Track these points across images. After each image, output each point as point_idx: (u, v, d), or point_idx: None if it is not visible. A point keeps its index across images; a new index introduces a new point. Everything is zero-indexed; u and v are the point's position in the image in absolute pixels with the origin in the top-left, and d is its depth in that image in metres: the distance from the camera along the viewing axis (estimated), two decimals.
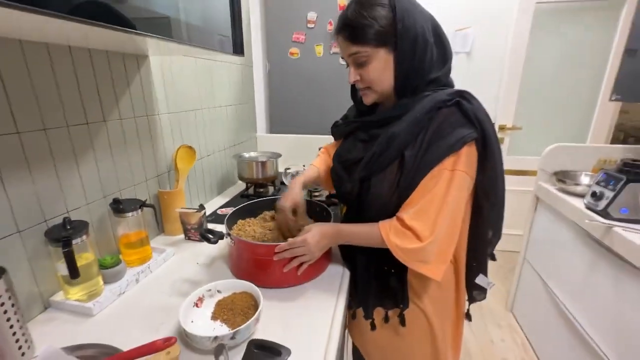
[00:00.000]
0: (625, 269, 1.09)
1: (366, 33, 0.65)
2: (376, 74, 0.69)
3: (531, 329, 1.72)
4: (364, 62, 0.68)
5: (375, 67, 0.68)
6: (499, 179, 0.70)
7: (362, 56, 0.67)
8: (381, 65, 0.68)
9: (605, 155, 1.58)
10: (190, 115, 1.21)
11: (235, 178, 1.61)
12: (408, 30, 0.64)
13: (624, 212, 1.16)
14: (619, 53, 2.06)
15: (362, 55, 0.67)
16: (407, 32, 0.64)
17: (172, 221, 1.05)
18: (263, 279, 0.76)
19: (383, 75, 0.69)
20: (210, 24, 0.76)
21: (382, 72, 0.68)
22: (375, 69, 0.68)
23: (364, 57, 0.67)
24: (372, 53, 0.67)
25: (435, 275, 0.67)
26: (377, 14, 0.64)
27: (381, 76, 0.69)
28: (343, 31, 0.68)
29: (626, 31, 2.00)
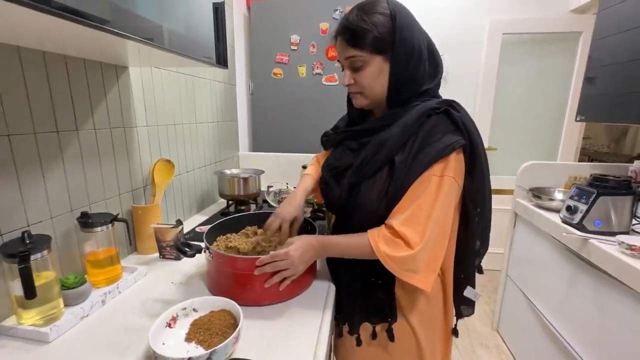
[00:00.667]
0: (603, 279, 1.11)
1: (365, 38, 0.66)
2: (370, 80, 0.69)
3: (518, 347, 1.70)
4: (360, 66, 0.69)
5: (370, 73, 0.69)
6: (486, 187, 0.71)
7: (359, 60, 0.68)
8: (376, 71, 0.69)
9: (575, 172, 1.66)
10: (170, 129, 1.18)
11: (215, 196, 1.56)
12: (405, 41, 0.66)
13: (598, 224, 1.20)
14: (579, 80, 2.23)
15: (359, 59, 0.68)
16: (404, 43, 0.66)
17: (146, 238, 0.98)
18: (243, 296, 0.71)
19: (377, 82, 0.70)
20: (194, 34, 0.75)
21: (376, 79, 0.69)
22: (370, 75, 0.69)
23: (361, 61, 0.68)
24: (369, 59, 0.68)
25: (425, 286, 0.65)
26: (377, 21, 0.66)
27: (375, 82, 0.70)
28: (343, 34, 0.69)
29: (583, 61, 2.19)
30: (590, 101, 1.58)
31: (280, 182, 1.67)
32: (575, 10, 2.20)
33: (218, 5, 0.86)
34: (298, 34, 1.78)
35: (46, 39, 0.60)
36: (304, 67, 1.82)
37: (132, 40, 0.55)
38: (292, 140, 1.93)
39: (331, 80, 1.82)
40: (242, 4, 1.86)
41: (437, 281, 0.77)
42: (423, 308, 0.76)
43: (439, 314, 0.80)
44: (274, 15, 1.79)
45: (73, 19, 0.42)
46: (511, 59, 2.36)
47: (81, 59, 0.79)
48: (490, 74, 2.33)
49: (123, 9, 0.52)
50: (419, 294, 0.75)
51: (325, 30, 1.76)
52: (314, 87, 1.84)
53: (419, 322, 0.76)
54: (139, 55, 0.78)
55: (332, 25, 1.75)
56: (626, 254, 1.03)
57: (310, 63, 1.81)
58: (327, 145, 0.91)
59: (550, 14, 2.25)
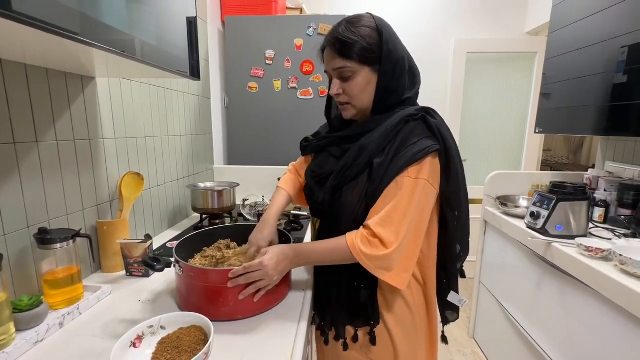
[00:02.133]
0: (566, 280, 1.17)
1: (354, 49, 0.69)
2: (358, 90, 0.72)
3: (493, 352, 1.74)
4: (349, 77, 0.71)
5: (358, 83, 0.71)
6: (461, 191, 0.74)
7: (348, 71, 0.71)
8: (364, 82, 0.72)
9: (537, 180, 1.76)
10: (140, 142, 1.15)
11: (188, 211, 1.52)
12: (391, 53, 0.70)
13: (559, 228, 1.27)
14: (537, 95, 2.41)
15: (348, 69, 0.71)
16: (390, 55, 0.70)
17: (112, 256, 0.93)
18: (216, 311, 0.69)
19: (364, 92, 0.73)
20: (165, 45, 0.75)
21: (363, 89, 0.72)
22: (357, 85, 0.72)
23: (349, 72, 0.71)
24: (357, 69, 0.70)
25: (398, 284, 0.67)
26: (365, 33, 0.69)
27: (362, 92, 0.72)
28: (332, 45, 0.72)
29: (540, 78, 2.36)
30: (547, 114, 1.71)
31: (256, 194, 1.65)
32: (531, 32, 2.40)
33: (191, 20, 0.86)
34: (273, 49, 1.81)
35: (4, 47, 0.58)
36: (279, 81, 1.84)
37: (99, 49, 0.54)
38: (268, 152, 1.92)
39: (306, 94, 1.85)
40: (217, 19, 1.87)
41: (418, 289, 0.78)
42: (401, 312, 0.77)
43: (421, 321, 0.80)
44: (249, 30, 1.81)
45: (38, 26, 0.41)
46: (476, 76, 2.51)
47: (43, 69, 0.76)
48: (457, 90, 2.47)
49: (91, 18, 0.52)
50: (397, 297, 0.76)
51: (300, 46, 1.80)
52: (289, 101, 1.86)
53: (399, 329, 0.77)
54: (107, 65, 0.76)
55: (306, 41, 1.80)
56: (585, 255, 1.10)
57: (285, 77, 1.84)
58: (306, 151, 0.92)
59: (508, 35, 2.44)
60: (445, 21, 2.40)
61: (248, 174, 1.81)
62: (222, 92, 1.96)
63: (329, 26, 1.76)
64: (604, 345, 1.02)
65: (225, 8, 1.88)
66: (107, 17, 0.56)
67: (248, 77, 1.85)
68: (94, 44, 0.51)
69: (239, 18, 1.82)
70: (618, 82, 1.33)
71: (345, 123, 0.85)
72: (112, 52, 0.56)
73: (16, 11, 0.38)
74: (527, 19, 2.41)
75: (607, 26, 1.38)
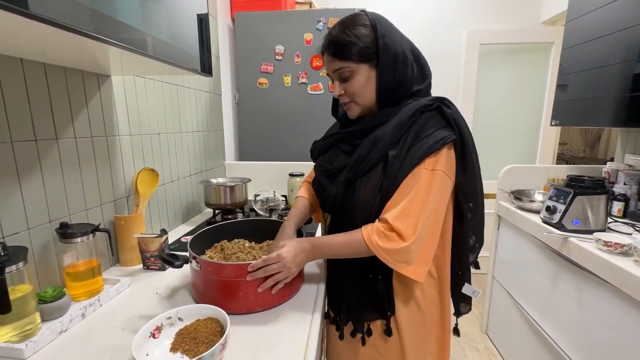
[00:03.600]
0: (583, 276, 1.15)
1: (350, 50, 0.69)
2: (359, 88, 0.72)
3: (506, 348, 1.72)
4: (348, 76, 0.72)
5: (358, 81, 0.72)
6: (477, 181, 0.74)
7: (346, 71, 0.71)
8: (364, 79, 0.71)
9: (553, 174, 1.72)
10: (154, 138, 1.17)
11: (201, 206, 1.54)
12: (388, 47, 0.69)
13: (576, 223, 1.24)
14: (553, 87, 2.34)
15: (346, 70, 0.71)
16: (387, 49, 0.69)
17: (129, 250, 0.96)
18: (232, 305, 0.70)
19: (365, 89, 0.72)
20: (178, 42, 0.76)
21: (364, 86, 0.72)
22: (358, 83, 0.72)
23: (348, 72, 0.71)
24: (355, 68, 0.71)
25: (418, 277, 0.67)
26: (359, 33, 0.69)
27: (364, 89, 0.72)
28: (328, 48, 0.72)
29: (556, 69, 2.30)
30: (563, 106, 1.66)
31: (268, 190, 1.66)
32: (546, 22, 2.33)
33: (202, 17, 0.87)
34: (282, 44, 1.81)
35: (24, 47, 0.59)
36: (289, 77, 1.84)
37: (115, 47, 0.55)
38: (279, 148, 1.93)
39: (316, 90, 1.84)
40: (227, 15, 1.88)
41: (429, 282, 0.78)
42: (409, 304, 0.77)
43: (431, 314, 0.80)
44: (258, 26, 1.81)
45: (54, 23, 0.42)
46: (490, 68, 2.46)
47: (61, 67, 0.78)
48: (470, 82, 2.42)
49: (106, 16, 0.52)
50: (406, 290, 0.76)
51: (310, 41, 1.80)
52: (299, 96, 1.86)
53: (404, 319, 0.77)
54: (121, 63, 0.77)
55: (316, 35, 1.79)
56: (603, 250, 1.07)
57: (295, 73, 1.84)
58: (315, 154, 0.92)
59: (523, 26, 2.37)
60: (457, 12, 2.35)
61: (259, 169, 1.82)
62: (233, 89, 1.97)
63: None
64: (623, 342, 0.99)
65: (235, 4, 1.88)
66: (122, 14, 0.56)
67: (258, 73, 1.86)
68: (110, 41, 0.52)
69: (249, 14, 1.82)
70: (639, 71, 1.28)
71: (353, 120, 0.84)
72: (127, 49, 0.57)
73: (33, 10, 0.39)
74: (543, 8, 2.34)
75: (626, 13, 1.32)
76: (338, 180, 0.76)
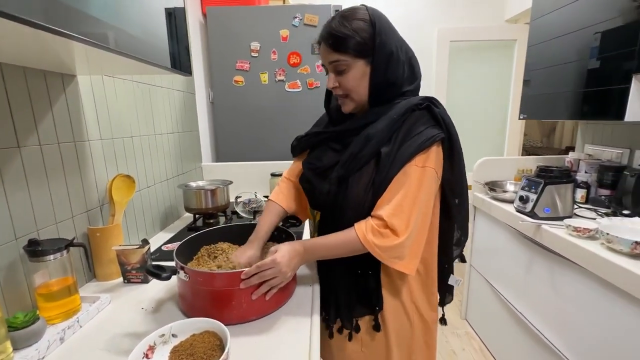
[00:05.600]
0: (556, 260, 1.23)
1: (348, 43, 0.69)
2: (354, 82, 0.72)
3: (485, 332, 1.81)
4: (343, 70, 0.71)
5: (354, 76, 0.71)
6: (463, 177, 0.76)
7: (342, 64, 0.71)
8: (359, 74, 0.71)
9: (522, 165, 1.82)
10: (127, 142, 1.09)
11: (180, 211, 1.47)
12: (384, 46, 0.69)
13: (547, 211, 1.32)
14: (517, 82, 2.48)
15: (342, 63, 0.70)
16: (383, 47, 0.69)
17: (107, 263, 0.89)
18: (226, 315, 0.67)
19: (360, 84, 0.72)
20: (149, 38, 0.69)
21: (359, 81, 0.72)
22: (353, 77, 0.71)
23: (344, 65, 0.71)
24: (352, 62, 0.70)
25: (410, 270, 0.69)
26: (358, 27, 0.69)
27: (359, 85, 0.72)
28: (327, 39, 0.71)
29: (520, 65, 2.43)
30: (529, 101, 1.76)
31: (249, 191, 1.62)
32: (509, 20, 2.45)
33: (171, 11, 0.81)
34: (258, 40, 1.76)
35: None
36: (266, 74, 1.80)
37: (78, 42, 0.47)
38: (258, 148, 1.89)
39: (294, 87, 1.82)
40: (198, 10, 1.79)
41: (417, 275, 0.79)
42: (401, 300, 0.79)
43: (419, 307, 0.81)
44: (232, 21, 1.75)
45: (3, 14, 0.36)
46: (460, 64, 2.55)
47: (20, 67, 0.70)
48: (442, 78, 2.50)
49: (65, 5, 0.45)
50: (400, 282, 0.78)
51: (286, 38, 1.76)
52: (277, 94, 1.82)
53: (389, 314, 0.78)
54: (87, 61, 0.70)
55: (292, 32, 1.76)
56: (573, 235, 1.15)
57: (272, 70, 1.80)
58: (297, 149, 0.90)
59: (488, 24, 2.48)
60: (429, 10, 2.41)
61: (239, 170, 1.77)
62: (207, 87, 1.90)
63: (315, 16, 1.73)
64: (593, 319, 1.08)
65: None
66: (87, 5, 0.50)
67: (233, 70, 1.79)
68: (72, 35, 0.45)
69: (221, 9, 1.75)
70: (592, 67, 1.38)
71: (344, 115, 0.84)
72: (95, 45, 0.50)
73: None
74: (506, 7, 2.45)
75: (582, 14, 1.42)
76: (330, 177, 0.75)
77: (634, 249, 0.96)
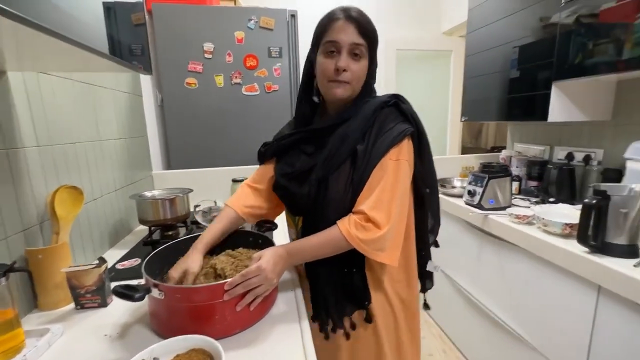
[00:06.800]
0: (502, 245, 1.38)
1: (371, 33, 0.74)
2: (361, 72, 0.75)
3: (443, 319, 1.95)
4: (359, 56, 0.73)
5: (363, 66, 0.75)
6: (432, 167, 0.82)
7: (363, 50, 0.73)
8: (365, 67, 0.75)
9: (465, 163, 2.02)
10: (69, 149, 0.96)
11: (131, 224, 1.33)
12: (376, 49, 0.77)
13: (491, 202, 1.48)
14: (455, 88, 2.74)
15: (362, 48, 0.73)
16: (376, 50, 0.77)
17: (52, 289, 0.77)
18: (209, 331, 0.62)
19: (362, 76, 0.76)
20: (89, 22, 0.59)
21: (363, 72, 0.75)
22: (362, 67, 0.75)
23: (362, 52, 0.73)
24: (365, 54, 0.74)
25: (392, 261, 0.71)
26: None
27: (362, 75, 0.75)
28: (356, 22, 0.72)
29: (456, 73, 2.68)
30: (469, 105, 1.97)
31: (208, 199, 1.54)
32: (446, 32, 2.71)
33: (110, 6, 0.72)
34: (211, 42, 1.69)
35: None
36: (221, 77, 1.73)
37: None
38: (215, 153, 1.80)
39: (252, 90, 1.77)
40: None
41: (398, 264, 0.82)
42: (384, 290, 0.81)
43: (402, 295, 0.84)
44: (182, 20, 1.65)
45: None
46: (407, 71, 2.74)
47: None
48: (390, 85, 2.66)
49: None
50: (382, 273, 0.80)
51: (241, 39, 1.71)
52: (234, 98, 1.76)
53: (379, 305, 0.80)
54: (17, 49, 0.58)
55: (248, 34, 1.72)
56: (515, 222, 1.31)
57: (227, 72, 1.73)
58: (266, 155, 0.88)
59: (428, 35, 2.71)
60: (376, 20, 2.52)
61: (194, 178, 1.66)
62: (154, 89, 1.76)
63: (272, 20, 1.71)
64: (534, 292, 1.23)
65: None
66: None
67: (185, 72, 1.69)
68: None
69: (169, 6, 1.64)
70: (513, 77, 1.61)
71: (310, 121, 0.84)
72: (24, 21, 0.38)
73: None
74: (442, 21, 2.71)
75: (504, 31, 1.65)
76: (310, 179, 0.75)
77: (564, 230, 1.13)
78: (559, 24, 1.32)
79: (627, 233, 0.97)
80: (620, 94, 1.45)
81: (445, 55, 2.76)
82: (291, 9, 1.75)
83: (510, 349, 1.36)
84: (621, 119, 1.45)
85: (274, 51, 1.73)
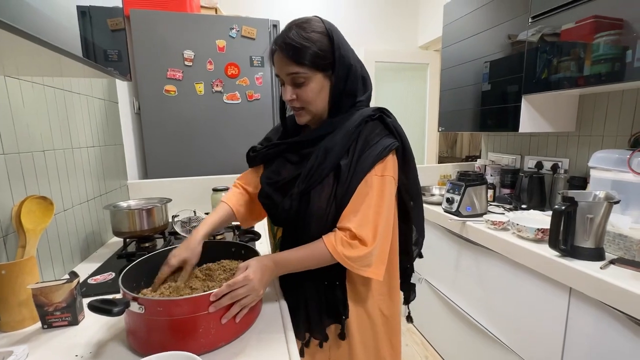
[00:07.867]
0: (480, 250, 1.42)
1: (307, 55, 0.68)
2: (312, 95, 0.72)
3: (425, 326, 1.97)
4: (302, 82, 0.71)
5: (313, 89, 0.71)
6: (417, 180, 0.82)
7: (301, 77, 0.70)
8: (318, 88, 0.72)
9: (443, 172, 2.09)
10: (37, 157, 0.90)
11: (103, 237, 1.27)
12: (344, 59, 0.72)
13: (469, 209, 1.53)
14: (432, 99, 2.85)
15: (302, 75, 0.70)
16: (343, 61, 0.71)
17: (15, 308, 0.71)
18: (192, 345, 0.60)
19: (319, 97, 0.73)
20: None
21: (318, 94, 0.72)
22: (312, 90, 0.71)
23: (303, 77, 0.70)
24: (311, 76, 0.70)
25: (377, 276, 0.71)
26: (316, 39, 0.69)
27: (317, 98, 0.73)
28: (285, 50, 0.69)
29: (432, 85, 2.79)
30: (446, 116, 2.04)
31: (187, 209, 1.49)
32: (422, 46, 2.82)
33: (85, 9, 0.70)
34: (192, 49, 1.66)
35: None
36: (202, 85, 1.70)
37: None
38: (195, 162, 1.75)
39: (233, 99, 1.76)
40: None
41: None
42: (364, 305, 0.81)
43: (383, 309, 0.84)
44: (161, 27, 1.62)
45: None
46: (385, 82, 2.82)
47: None
48: None
49: None
50: (363, 289, 0.80)
51: (223, 48, 1.70)
52: (215, 106, 1.74)
53: (357, 321, 0.80)
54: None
55: (229, 43, 1.71)
56: (491, 228, 1.36)
57: (208, 80, 1.71)
58: (256, 161, 0.87)
59: (405, 48, 2.81)
60: (356, 31, 2.61)
61: (172, 187, 1.61)
62: (131, 96, 1.70)
63: (254, 29, 1.72)
64: (509, 295, 1.28)
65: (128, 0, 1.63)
66: None
67: (164, 79, 1.65)
68: None
69: (148, 12, 1.61)
70: (484, 90, 1.70)
71: (298, 127, 0.84)
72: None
73: None
74: (419, 35, 2.82)
75: (476, 47, 1.75)
76: (292, 193, 0.74)
77: (537, 235, 1.19)
78: (526, 41, 1.41)
79: (593, 237, 1.03)
80: (583, 107, 1.56)
81: (422, 67, 2.87)
82: (273, 19, 1.76)
83: (488, 352, 1.40)
84: (584, 130, 1.56)
85: (256, 60, 1.74)
